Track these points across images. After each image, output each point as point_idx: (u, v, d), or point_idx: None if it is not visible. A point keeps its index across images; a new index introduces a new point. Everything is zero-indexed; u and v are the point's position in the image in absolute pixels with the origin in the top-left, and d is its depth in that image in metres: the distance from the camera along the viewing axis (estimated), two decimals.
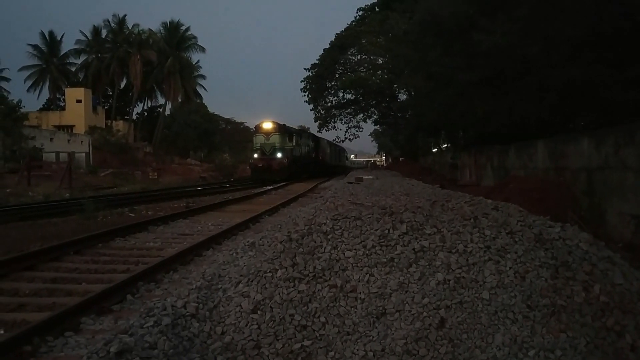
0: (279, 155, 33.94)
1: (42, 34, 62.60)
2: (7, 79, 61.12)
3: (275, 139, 34.52)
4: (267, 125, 35.20)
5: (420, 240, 5.17)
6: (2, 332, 4.52)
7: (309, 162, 42.20)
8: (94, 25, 63.94)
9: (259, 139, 35.12)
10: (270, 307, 4.46)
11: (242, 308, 4.49)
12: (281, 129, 35.22)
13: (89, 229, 9.94)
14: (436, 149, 42.11)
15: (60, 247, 7.95)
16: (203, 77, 71.57)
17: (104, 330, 4.54)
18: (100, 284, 6.11)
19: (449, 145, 35.38)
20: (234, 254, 6.45)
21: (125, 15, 64.16)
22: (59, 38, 63.58)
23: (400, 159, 62.49)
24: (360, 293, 4.57)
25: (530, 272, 4.63)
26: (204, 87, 72.06)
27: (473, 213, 5.87)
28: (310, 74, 47.09)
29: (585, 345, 3.99)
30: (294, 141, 36.76)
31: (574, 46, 10.59)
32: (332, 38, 45.78)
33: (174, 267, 7.13)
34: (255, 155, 34.91)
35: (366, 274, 4.79)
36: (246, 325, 4.31)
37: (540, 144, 13.09)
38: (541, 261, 4.76)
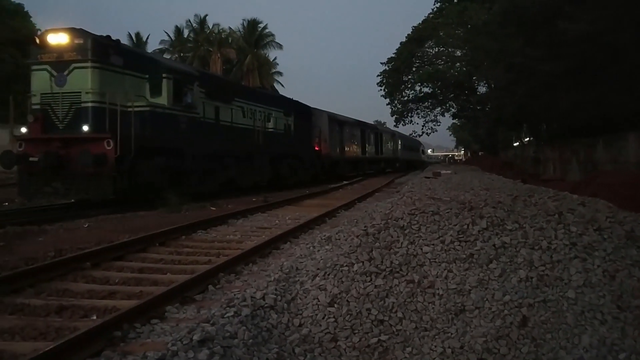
0: (86, 127, 12.76)
1: (130, 35, 65.68)
2: None
3: (80, 78, 12.76)
4: (60, 39, 12.95)
5: (501, 236, 5.02)
6: (94, 317, 4.79)
7: (262, 153, 20.35)
8: (176, 26, 66.38)
9: (39, 80, 13.09)
10: (347, 300, 4.47)
11: (319, 301, 4.53)
12: (99, 46, 13.04)
13: (173, 222, 10.31)
14: (517, 143, 40.80)
15: (146, 238, 8.30)
16: (280, 73, 72.60)
17: (187, 319, 4.70)
18: (183, 275, 6.32)
19: (531, 138, 34.21)
20: (311, 248, 6.52)
21: (206, 15, 66.10)
22: (144, 39, 66.49)
23: (480, 153, 61.02)
24: (438, 289, 4.49)
25: (620, 271, 4.39)
26: (281, 84, 73.06)
27: (557, 209, 5.64)
28: (387, 68, 46.71)
29: None
30: (169, 91, 14.59)
31: None
32: (409, 31, 45.23)
33: (253, 260, 7.28)
34: (24, 130, 14.41)
35: (444, 269, 4.70)
36: (323, 318, 4.35)
37: (632, 136, 12.39)
38: (633, 260, 4.51)
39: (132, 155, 12.94)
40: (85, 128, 12.66)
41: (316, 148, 27.41)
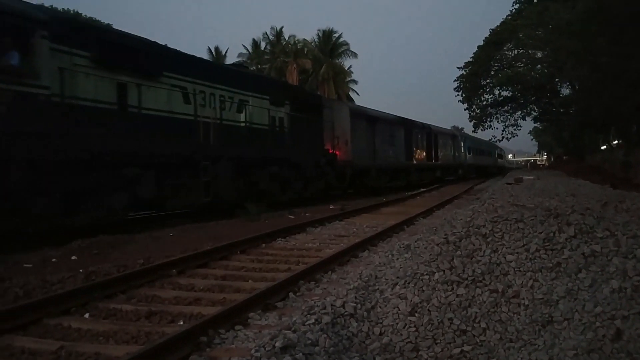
0: None
1: (209, 49, 68.00)
2: None
3: None
4: None
5: (591, 244, 4.79)
6: (181, 323, 4.98)
7: (217, 158, 13.38)
8: (254, 39, 68.11)
9: None
10: (428, 310, 4.41)
11: (399, 310, 4.49)
12: None
13: (253, 230, 10.54)
14: (605, 146, 38.88)
15: (228, 246, 8.54)
16: (355, 82, 72.77)
17: (270, 326, 4.78)
18: (264, 282, 6.44)
19: (620, 141, 32.51)
20: (390, 256, 6.48)
21: (282, 27, 67.57)
22: (223, 52, 68.65)
23: (564, 158, 58.60)
24: (523, 299, 4.35)
25: None
26: (356, 92, 73.23)
27: None
28: (464, 72, 45.76)
29: None
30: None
31: None
32: (487, 34, 44.10)
33: (331, 268, 7.32)
34: None
35: (530, 279, 4.54)
36: (404, 327, 4.31)
37: None
38: None
39: None
40: None
41: (330, 151, 20.31)
